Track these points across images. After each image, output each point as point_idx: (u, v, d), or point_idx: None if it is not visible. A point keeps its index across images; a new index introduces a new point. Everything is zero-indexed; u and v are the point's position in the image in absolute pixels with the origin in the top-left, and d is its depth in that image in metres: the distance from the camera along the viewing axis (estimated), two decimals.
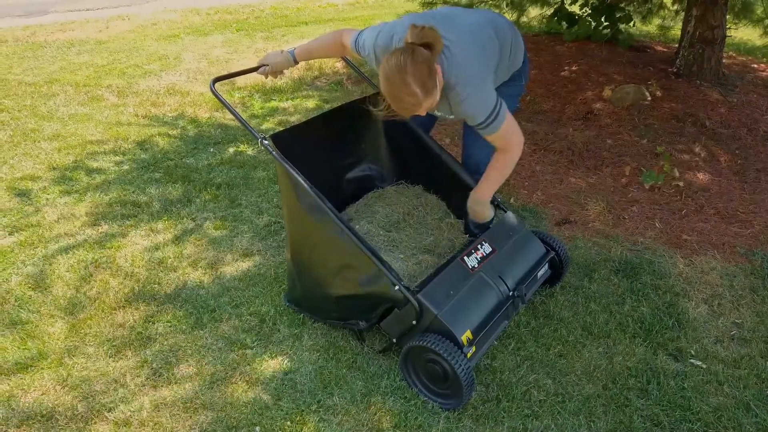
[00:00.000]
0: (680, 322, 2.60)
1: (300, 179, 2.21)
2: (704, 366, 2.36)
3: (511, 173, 2.35)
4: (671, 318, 2.62)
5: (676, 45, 5.78)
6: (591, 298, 2.73)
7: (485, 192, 2.36)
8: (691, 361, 2.39)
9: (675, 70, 5.36)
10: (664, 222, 3.39)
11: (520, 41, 2.39)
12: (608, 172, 3.96)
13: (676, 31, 6.55)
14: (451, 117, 2.26)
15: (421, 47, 1.89)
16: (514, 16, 6.74)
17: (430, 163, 2.74)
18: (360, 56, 2.28)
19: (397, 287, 2.09)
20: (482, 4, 6.40)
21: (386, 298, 2.14)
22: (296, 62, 2.47)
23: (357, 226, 2.62)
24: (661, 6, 6.56)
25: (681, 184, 3.75)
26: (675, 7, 6.45)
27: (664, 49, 6.37)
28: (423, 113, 2.03)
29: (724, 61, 5.43)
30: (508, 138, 2.20)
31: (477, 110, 2.09)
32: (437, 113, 2.33)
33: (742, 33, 7.40)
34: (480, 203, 2.39)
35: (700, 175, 3.88)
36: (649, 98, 4.85)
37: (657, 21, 6.85)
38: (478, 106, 2.08)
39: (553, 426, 2.08)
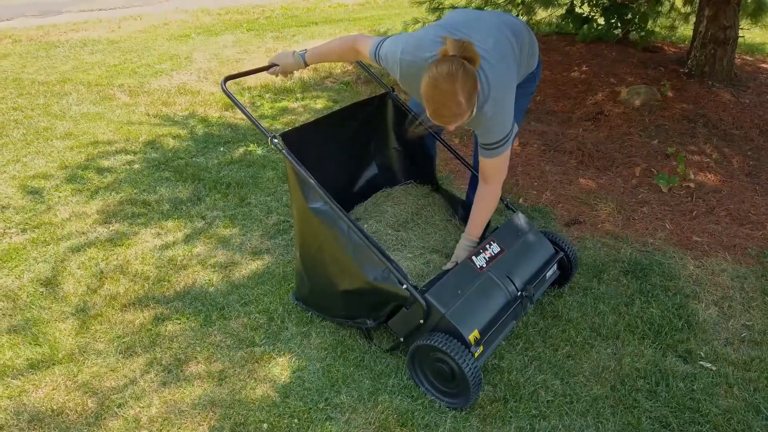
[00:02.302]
0: (690, 323, 2.58)
1: (308, 177, 2.22)
2: (714, 368, 2.34)
3: (517, 176, 2.34)
4: (681, 319, 2.60)
5: (687, 45, 5.74)
6: (600, 299, 2.71)
7: (476, 231, 2.40)
8: (701, 363, 2.37)
9: (686, 70, 5.32)
10: (675, 223, 3.37)
11: (535, 43, 2.39)
12: (618, 173, 3.94)
13: (688, 32, 6.50)
14: (468, 128, 2.25)
15: (466, 61, 1.89)
16: (524, 18, 6.72)
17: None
18: (378, 66, 2.27)
19: (404, 286, 2.10)
20: (493, 7, 6.38)
21: (393, 296, 2.14)
22: (306, 65, 2.48)
23: (365, 225, 2.63)
24: (672, 8, 6.51)
25: (692, 185, 3.72)
26: (686, 9, 6.40)
27: (676, 50, 6.32)
28: (454, 127, 2.03)
29: (736, 61, 5.39)
30: (501, 167, 2.24)
31: (497, 129, 2.12)
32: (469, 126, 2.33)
33: (755, 34, 7.34)
34: (473, 242, 2.40)
35: (711, 177, 3.85)
36: (660, 99, 4.82)
37: (667, 23, 6.80)
38: (499, 125, 2.11)
39: (560, 427, 2.08)
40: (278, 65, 2.48)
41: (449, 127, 2.02)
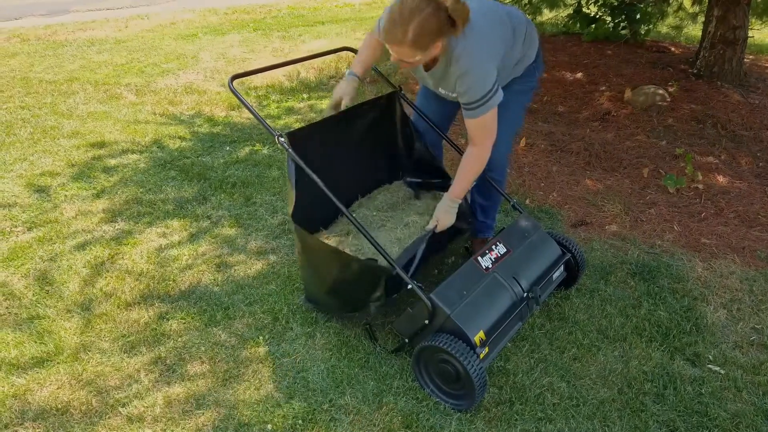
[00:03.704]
0: (698, 326, 2.55)
1: (312, 176, 2.21)
2: (722, 371, 2.32)
3: (524, 177, 2.34)
4: (689, 322, 2.57)
5: (696, 46, 5.70)
6: (607, 301, 2.69)
7: (459, 191, 2.36)
8: (709, 366, 2.35)
9: (695, 71, 5.29)
10: (683, 225, 3.34)
11: (535, 35, 2.41)
12: (626, 174, 3.91)
13: (697, 32, 6.46)
14: (454, 95, 2.26)
15: (449, 16, 1.96)
16: (530, 17, 6.70)
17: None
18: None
19: (410, 286, 2.09)
20: None
21: (378, 270, 2.14)
22: (360, 78, 2.52)
23: (354, 214, 2.63)
24: (680, 8, 6.47)
25: (701, 186, 3.69)
26: (694, 8, 6.36)
27: (684, 50, 6.28)
28: (395, 58, 2.08)
29: (745, 62, 5.34)
30: (487, 129, 2.23)
31: (474, 86, 2.12)
32: (441, 91, 2.35)
33: (765, 34, 7.28)
34: (454, 203, 2.37)
35: (720, 178, 3.82)
36: (668, 99, 4.79)
37: (674, 23, 6.76)
38: (476, 82, 2.12)
39: (566, 430, 2.06)
40: (343, 97, 2.47)
41: (393, 55, 2.06)
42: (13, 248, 3.03)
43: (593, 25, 6.49)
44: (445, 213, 2.36)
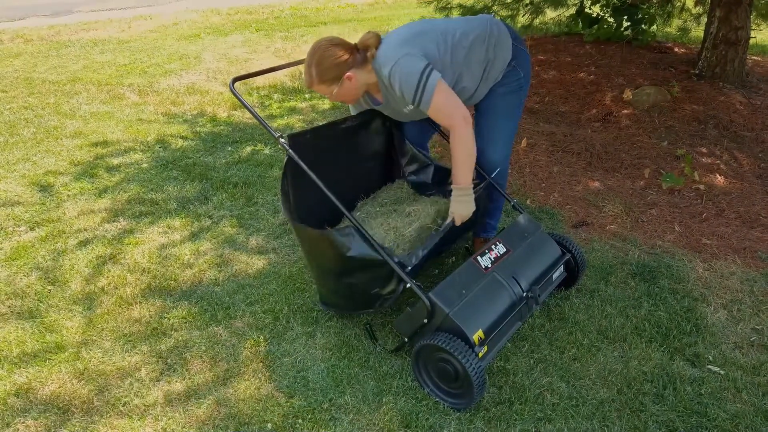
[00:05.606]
0: (698, 327, 2.55)
1: (312, 177, 2.21)
2: (722, 372, 2.32)
3: (525, 177, 2.34)
4: (689, 323, 2.57)
5: (698, 46, 5.69)
6: (607, 302, 2.69)
7: (461, 178, 2.29)
8: (709, 366, 2.35)
9: (697, 71, 5.28)
10: (684, 225, 3.34)
11: (502, 35, 2.40)
12: (627, 174, 3.91)
13: (699, 33, 6.45)
14: (412, 105, 2.26)
15: (357, 49, 2.22)
16: (530, 17, 6.69)
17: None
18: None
19: (408, 285, 2.10)
20: (501, 7, 6.36)
21: (381, 262, 2.13)
22: None
23: (358, 214, 2.64)
24: (683, 8, 6.47)
25: (702, 187, 3.69)
26: (697, 9, 6.36)
27: (686, 51, 6.27)
28: (318, 92, 2.34)
29: (747, 63, 5.34)
30: (445, 110, 2.22)
31: (404, 77, 2.16)
32: (409, 108, 2.33)
33: (767, 35, 7.27)
34: (462, 191, 2.30)
35: (722, 179, 3.81)
36: (670, 100, 4.79)
37: (678, 23, 6.76)
38: (403, 71, 2.15)
39: (566, 430, 2.06)
40: None
41: (312, 90, 2.36)
42: (17, 247, 3.05)
43: (595, 26, 6.49)
44: (458, 204, 2.31)
